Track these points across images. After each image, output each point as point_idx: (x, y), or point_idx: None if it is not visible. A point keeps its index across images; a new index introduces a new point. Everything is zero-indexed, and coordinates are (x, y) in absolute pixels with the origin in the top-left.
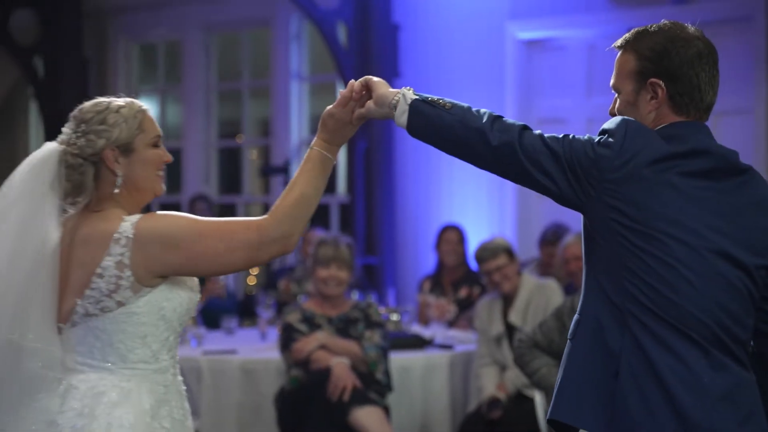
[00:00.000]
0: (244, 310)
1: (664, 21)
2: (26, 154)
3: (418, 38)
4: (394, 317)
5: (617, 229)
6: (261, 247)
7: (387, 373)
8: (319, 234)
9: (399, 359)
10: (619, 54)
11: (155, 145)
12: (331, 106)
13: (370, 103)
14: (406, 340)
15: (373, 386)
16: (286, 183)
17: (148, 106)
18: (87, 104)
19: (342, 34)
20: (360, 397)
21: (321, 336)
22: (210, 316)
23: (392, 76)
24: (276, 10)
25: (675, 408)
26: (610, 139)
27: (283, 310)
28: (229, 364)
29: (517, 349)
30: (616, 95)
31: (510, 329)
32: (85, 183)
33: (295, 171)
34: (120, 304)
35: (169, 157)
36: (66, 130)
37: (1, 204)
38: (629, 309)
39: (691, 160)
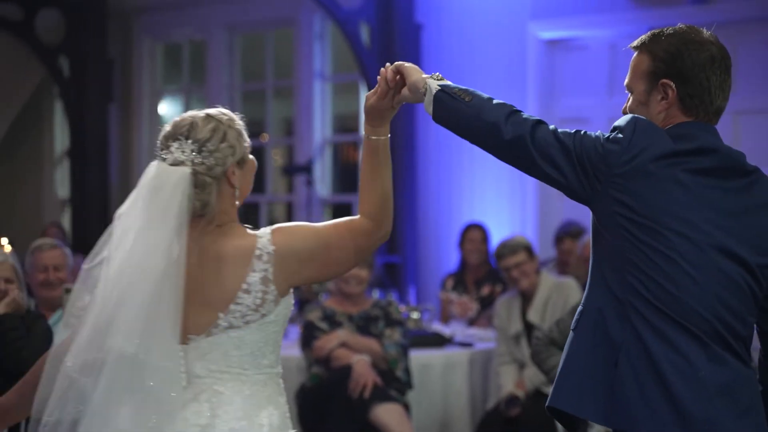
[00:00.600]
0: None
1: (680, 24)
2: (51, 153)
3: (440, 38)
4: (415, 315)
5: (622, 222)
6: (370, 249)
7: (407, 371)
8: None
9: (419, 357)
10: (635, 54)
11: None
12: (371, 98)
13: (405, 90)
14: (427, 338)
15: (394, 384)
16: (309, 182)
17: (172, 106)
18: (193, 120)
19: (365, 33)
20: (381, 395)
21: (342, 334)
22: None
23: None
24: (299, 11)
25: (673, 400)
26: (619, 135)
27: (304, 308)
28: None
29: (534, 346)
30: (630, 95)
31: (529, 327)
32: (211, 201)
33: (318, 170)
34: (262, 315)
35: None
36: (182, 149)
37: (131, 224)
38: (631, 302)
39: (697, 157)
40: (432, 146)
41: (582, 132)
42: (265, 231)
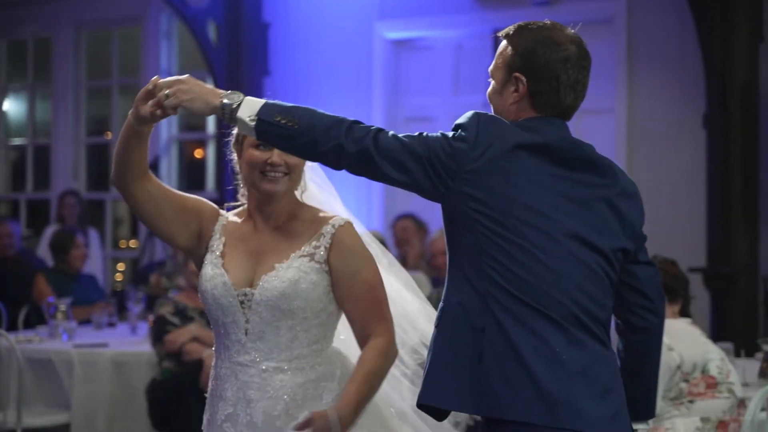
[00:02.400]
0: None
1: (547, 20)
2: None
3: (288, 37)
4: None
5: (476, 217)
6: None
7: None
8: None
9: None
10: (502, 42)
11: (258, 146)
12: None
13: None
14: None
15: None
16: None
17: (16, 103)
18: None
19: (212, 32)
20: None
21: (194, 328)
22: (80, 311)
23: (262, 74)
24: (147, 9)
25: (535, 383)
26: (464, 133)
27: (154, 304)
28: (100, 357)
29: None
30: (491, 82)
31: None
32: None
33: (164, 168)
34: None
35: (275, 159)
36: None
37: None
38: (490, 292)
39: (546, 149)
40: None
41: (425, 134)
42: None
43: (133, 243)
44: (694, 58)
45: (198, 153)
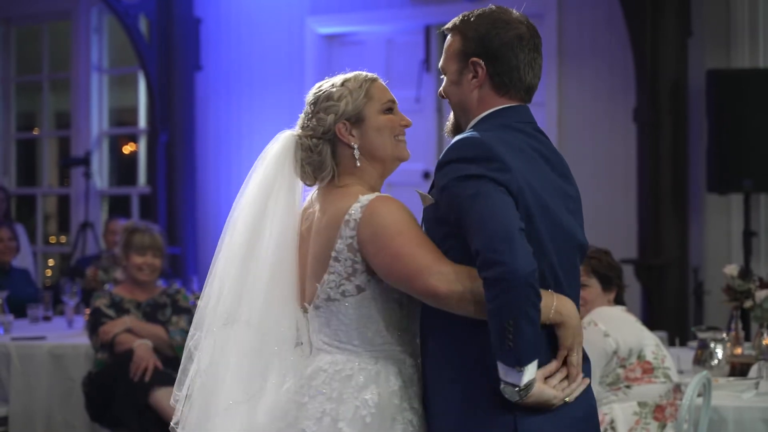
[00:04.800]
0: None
1: (491, 5)
2: None
3: (219, 32)
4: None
5: None
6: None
7: None
8: (122, 223)
9: None
10: (448, 37)
11: (388, 110)
12: None
13: None
14: None
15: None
16: (86, 175)
17: None
18: (313, 89)
19: (144, 27)
20: (162, 378)
21: (128, 320)
22: (15, 305)
23: (194, 70)
24: (77, 3)
25: None
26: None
27: (91, 297)
28: (38, 350)
29: None
30: (444, 77)
31: None
32: (325, 162)
33: (95, 163)
34: (360, 289)
35: (408, 121)
36: (301, 116)
37: (249, 198)
38: None
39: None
40: (211, 139)
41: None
42: (367, 197)
43: (62, 238)
44: (624, 53)
45: (129, 148)
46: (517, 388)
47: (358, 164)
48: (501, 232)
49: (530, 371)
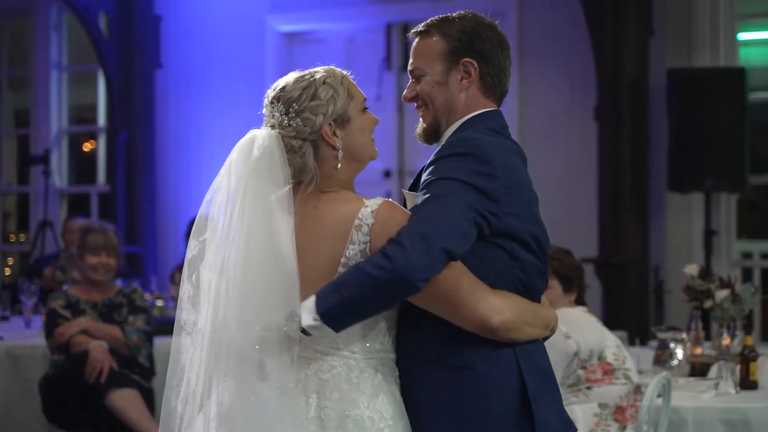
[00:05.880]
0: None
1: (461, 11)
2: None
3: (180, 30)
4: (160, 303)
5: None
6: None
7: (150, 358)
8: (80, 222)
9: (164, 344)
10: (419, 39)
11: (365, 109)
12: None
13: None
14: (171, 325)
15: (136, 370)
16: (46, 173)
17: None
18: (286, 82)
19: (103, 24)
20: (117, 380)
21: (83, 321)
22: None
23: (154, 67)
24: (36, 0)
25: None
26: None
27: (48, 297)
28: None
29: None
30: (412, 81)
31: None
32: (308, 164)
33: (55, 161)
34: None
35: (377, 119)
36: (272, 113)
37: (223, 200)
38: None
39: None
40: (171, 137)
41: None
42: (375, 201)
43: (22, 237)
44: (585, 52)
45: (89, 146)
46: (297, 325)
47: (339, 166)
48: (424, 232)
49: (314, 325)
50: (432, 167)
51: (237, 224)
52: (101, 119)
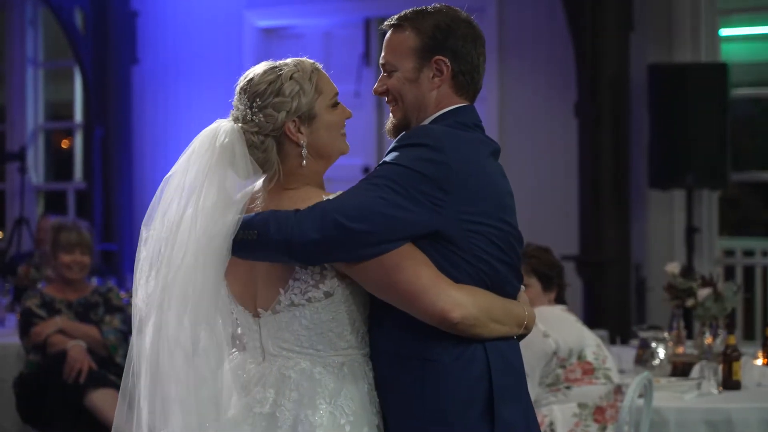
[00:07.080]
0: None
1: (437, 4)
2: None
3: (156, 25)
4: None
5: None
6: None
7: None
8: (52, 220)
9: None
10: (392, 32)
11: (335, 104)
12: None
13: None
14: None
15: (113, 369)
16: (22, 170)
17: None
18: (255, 74)
19: (79, 20)
20: (97, 380)
21: (59, 320)
22: None
23: (130, 63)
24: None
25: None
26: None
27: (22, 296)
28: None
29: None
30: (384, 74)
31: None
32: (270, 160)
33: (31, 158)
34: (327, 294)
35: (349, 113)
36: (238, 105)
37: (179, 188)
38: None
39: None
40: (148, 136)
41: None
42: (335, 196)
43: None
44: (565, 48)
45: (65, 143)
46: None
47: (304, 162)
48: (328, 207)
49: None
50: (384, 157)
51: (190, 217)
52: (78, 115)
